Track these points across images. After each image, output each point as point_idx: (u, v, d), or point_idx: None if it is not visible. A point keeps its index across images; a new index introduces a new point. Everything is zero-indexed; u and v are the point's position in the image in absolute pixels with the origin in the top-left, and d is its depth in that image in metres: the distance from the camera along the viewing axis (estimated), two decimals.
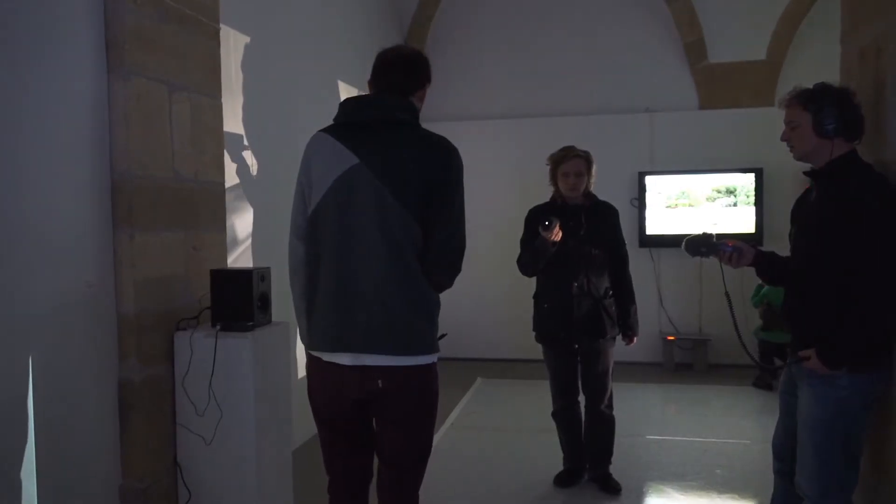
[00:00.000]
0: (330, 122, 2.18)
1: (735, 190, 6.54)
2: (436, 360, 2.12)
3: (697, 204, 6.59)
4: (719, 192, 6.58)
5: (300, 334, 2.24)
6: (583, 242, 3.48)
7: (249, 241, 3.88)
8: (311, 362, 2.17)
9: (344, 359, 2.05)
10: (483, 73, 7.14)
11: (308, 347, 2.18)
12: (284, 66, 4.31)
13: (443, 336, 2.16)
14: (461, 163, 2.11)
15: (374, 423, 2.18)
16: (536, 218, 3.46)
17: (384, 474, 2.18)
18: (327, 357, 2.09)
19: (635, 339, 3.64)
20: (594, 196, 3.61)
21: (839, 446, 2.21)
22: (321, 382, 2.15)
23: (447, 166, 2.06)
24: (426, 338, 2.06)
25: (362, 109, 2.11)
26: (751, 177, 6.45)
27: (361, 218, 2.01)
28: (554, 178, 3.58)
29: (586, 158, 3.53)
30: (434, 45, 7.18)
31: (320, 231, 2.07)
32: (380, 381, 2.03)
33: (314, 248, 2.09)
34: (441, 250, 2.05)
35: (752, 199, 6.43)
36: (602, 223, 3.56)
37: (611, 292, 3.57)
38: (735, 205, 6.53)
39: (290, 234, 2.20)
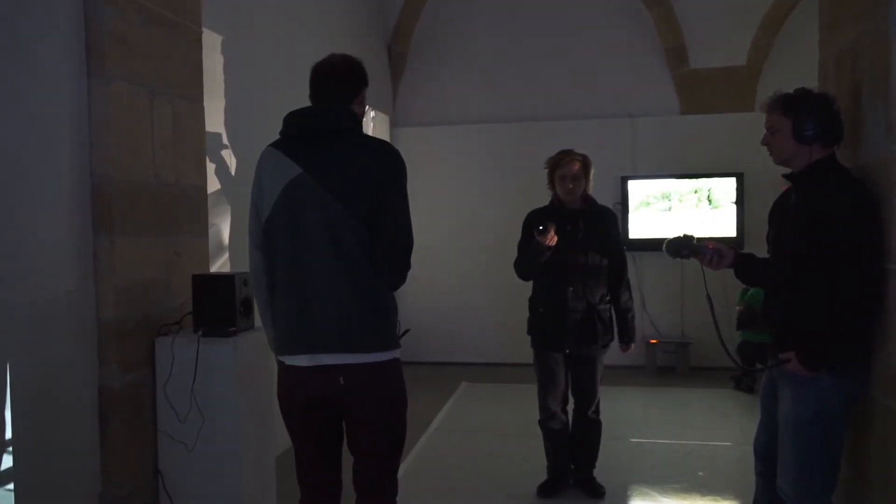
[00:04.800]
0: None
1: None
2: (397, 356, 2.18)
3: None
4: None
5: (268, 341, 2.32)
6: (579, 247, 3.44)
7: (231, 245, 3.85)
8: (279, 368, 2.24)
9: (302, 360, 2.12)
10: (467, 78, 7.15)
11: (275, 353, 2.25)
12: (266, 70, 4.29)
13: (405, 332, 2.23)
14: (402, 165, 2.17)
15: (343, 426, 2.23)
16: (534, 221, 3.41)
17: (359, 469, 2.23)
18: (289, 360, 2.16)
19: (632, 345, 3.64)
20: (593, 200, 3.58)
21: (819, 448, 2.23)
22: (286, 386, 2.21)
23: (388, 169, 2.12)
24: (383, 335, 2.13)
25: (304, 121, 2.17)
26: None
27: (308, 224, 2.08)
28: (551, 182, 3.54)
29: (583, 162, 3.48)
30: (417, 49, 7.19)
31: (274, 240, 2.15)
32: (341, 378, 2.10)
33: (270, 258, 2.18)
34: (388, 250, 2.11)
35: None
36: (600, 228, 3.51)
37: (607, 298, 3.55)
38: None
39: (248, 245, 2.27)
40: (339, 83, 2.20)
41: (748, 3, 6.46)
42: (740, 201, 6.45)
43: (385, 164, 2.11)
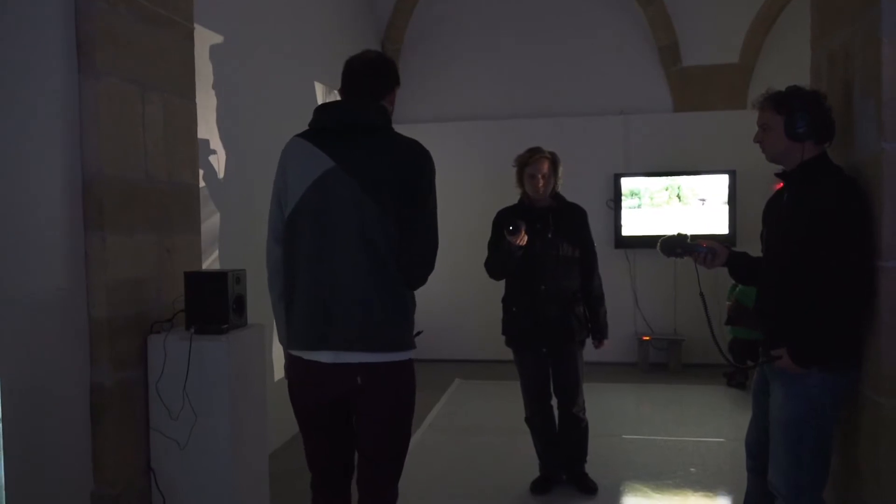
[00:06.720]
0: (305, 123, 2.21)
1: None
2: (412, 356, 2.17)
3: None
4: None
5: (279, 335, 2.28)
6: (550, 245, 3.46)
7: (223, 242, 3.84)
8: (292, 362, 2.21)
9: (324, 356, 2.09)
10: (459, 76, 7.15)
11: (287, 347, 2.22)
12: (259, 68, 4.28)
13: (419, 333, 2.21)
14: (433, 165, 2.17)
15: (353, 421, 2.21)
16: (504, 220, 3.41)
17: (364, 468, 2.22)
18: (308, 356, 2.13)
19: (605, 342, 3.63)
20: (562, 197, 3.60)
21: (810, 444, 2.25)
22: (302, 381, 2.19)
23: (420, 168, 2.12)
24: (402, 335, 2.12)
25: (336, 115, 2.16)
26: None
27: (338, 219, 2.06)
28: (520, 180, 3.56)
29: (552, 159, 3.51)
30: (410, 47, 7.18)
31: (297, 233, 2.12)
32: (359, 378, 2.08)
33: (291, 250, 2.14)
34: (415, 250, 2.10)
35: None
36: (570, 225, 3.53)
37: (580, 295, 3.56)
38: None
39: (267, 236, 2.24)
40: (370, 80, 2.20)
41: (741, 0, 6.48)
42: (732, 199, 6.47)
43: (416, 163, 2.11)
